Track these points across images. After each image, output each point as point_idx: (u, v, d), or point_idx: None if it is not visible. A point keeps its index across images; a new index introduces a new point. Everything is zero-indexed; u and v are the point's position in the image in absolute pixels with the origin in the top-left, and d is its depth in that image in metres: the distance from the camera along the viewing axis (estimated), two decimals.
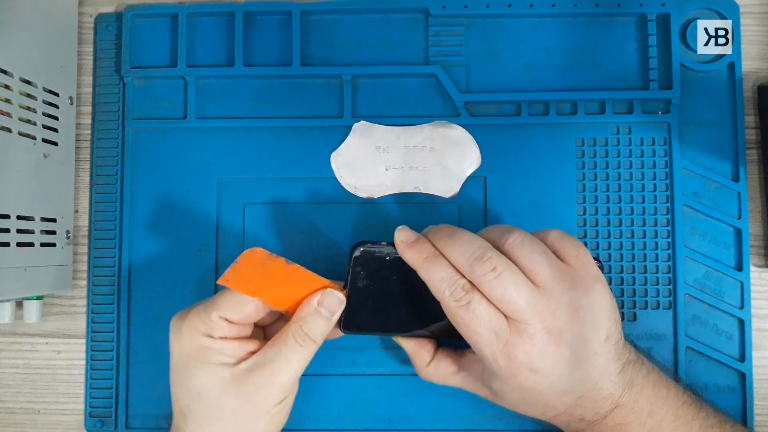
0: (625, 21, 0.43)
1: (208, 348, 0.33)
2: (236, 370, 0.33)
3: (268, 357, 0.33)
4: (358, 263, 0.34)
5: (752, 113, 0.43)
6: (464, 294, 0.32)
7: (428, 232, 0.35)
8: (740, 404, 0.41)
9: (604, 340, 0.33)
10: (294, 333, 0.34)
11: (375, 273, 0.35)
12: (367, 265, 0.35)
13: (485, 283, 0.31)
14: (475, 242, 0.33)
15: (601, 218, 0.42)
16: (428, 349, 0.37)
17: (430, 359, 0.37)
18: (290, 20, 0.43)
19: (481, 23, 0.43)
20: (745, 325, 0.41)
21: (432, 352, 0.38)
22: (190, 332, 0.34)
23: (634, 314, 0.41)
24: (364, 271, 0.35)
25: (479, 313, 0.32)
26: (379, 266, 0.35)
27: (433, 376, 0.38)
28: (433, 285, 0.33)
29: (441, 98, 0.43)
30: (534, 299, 0.31)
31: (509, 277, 0.31)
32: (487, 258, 0.32)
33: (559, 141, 0.42)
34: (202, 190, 0.43)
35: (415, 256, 0.33)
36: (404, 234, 0.34)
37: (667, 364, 0.41)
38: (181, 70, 0.43)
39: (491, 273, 0.31)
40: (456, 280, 0.32)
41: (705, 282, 0.41)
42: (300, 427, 0.41)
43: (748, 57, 0.43)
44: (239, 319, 0.34)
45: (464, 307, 0.32)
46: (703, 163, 0.42)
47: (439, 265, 0.33)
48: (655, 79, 0.42)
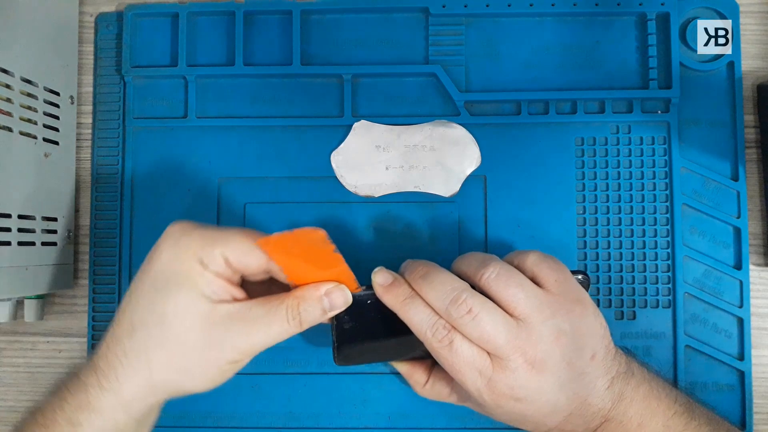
0: (624, 20, 0.43)
1: (199, 275, 0.31)
2: (215, 309, 0.31)
3: (252, 314, 0.31)
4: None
5: (752, 112, 0.43)
6: (446, 333, 0.32)
7: (404, 271, 0.35)
8: (739, 402, 0.41)
9: (589, 359, 0.33)
10: (289, 307, 0.32)
11: (358, 315, 0.34)
12: (348, 310, 0.34)
13: (462, 325, 0.32)
14: (449, 284, 0.32)
15: (601, 217, 0.42)
16: (423, 371, 0.38)
17: (425, 380, 0.38)
18: (291, 19, 0.43)
19: (481, 22, 0.43)
20: (744, 323, 0.41)
21: (427, 373, 0.38)
22: (186, 251, 0.31)
23: (633, 313, 0.41)
24: (348, 315, 0.34)
25: (462, 353, 0.32)
26: (361, 309, 0.34)
27: (429, 395, 0.38)
28: (414, 327, 0.33)
29: (441, 97, 0.43)
30: (513, 334, 0.31)
31: (485, 317, 0.31)
32: (462, 301, 0.32)
33: (558, 140, 0.42)
34: (202, 189, 0.43)
35: (393, 300, 0.33)
36: (381, 277, 0.34)
37: (666, 363, 0.41)
38: (182, 70, 0.43)
39: (467, 315, 0.31)
40: (436, 321, 0.32)
41: (704, 281, 0.42)
42: (301, 425, 0.41)
43: (747, 56, 0.43)
44: (240, 266, 0.32)
45: (447, 348, 0.32)
46: (702, 162, 0.42)
47: (418, 306, 0.33)
48: (654, 79, 0.42)
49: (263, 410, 0.41)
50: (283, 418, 0.41)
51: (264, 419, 0.41)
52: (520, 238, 0.42)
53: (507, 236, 0.42)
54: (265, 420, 0.41)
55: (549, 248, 0.41)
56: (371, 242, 0.42)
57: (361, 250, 0.42)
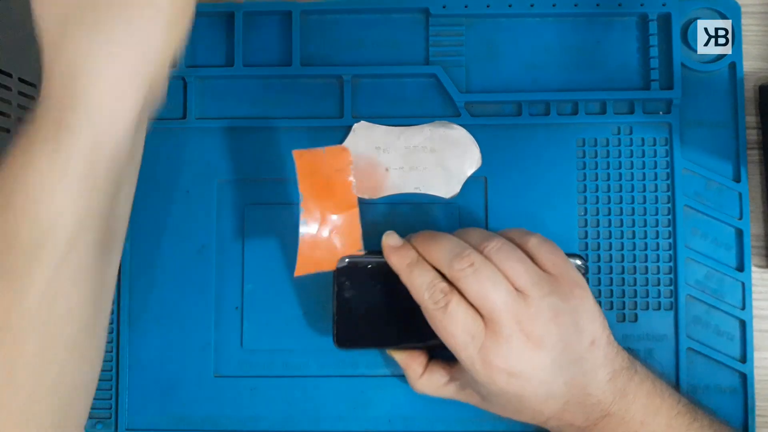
0: (625, 21, 0.43)
1: None
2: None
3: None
4: (341, 273, 0.35)
5: (753, 113, 0.43)
6: (443, 296, 0.32)
7: (411, 238, 0.35)
8: (741, 405, 0.41)
9: (589, 344, 0.33)
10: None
11: (360, 283, 0.35)
12: (350, 275, 0.35)
13: (463, 278, 0.32)
14: (456, 242, 0.34)
15: (602, 218, 0.42)
16: (420, 362, 0.38)
17: (422, 371, 0.37)
18: (290, 20, 0.43)
19: (481, 23, 0.43)
20: (746, 325, 0.41)
21: (424, 364, 0.38)
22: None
23: (635, 315, 0.41)
24: (349, 281, 0.35)
25: (456, 315, 0.32)
26: (363, 275, 0.35)
27: (425, 387, 0.38)
28: (414, 289, 0.33)
29: (441, 98, 0.43)
30: (511, 300, 0.32)
31: (487, 272, 0.32)
32: (466, 255, 0.32)
33: (559, 141, 0.42)
34: (201, 190, 0.42)
35: (399, 261, 0.34)
36: (391, 239, 0.35)
37: (668, 365, 0.41)
38: (181, 71, 0.43)
39: (469, 268, 0.32)
40: (436, 284, 0.33)
41: (706, 283, 0.41)
42: (299, 428, 0.41)
43: (749, 57, 0.43)
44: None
45: (442, 310, 0.32)
46: (704, 163, 0.42)
47: (421, 269, 0.34)
48: (656, 79, 0.42)
49: (262, 413, 0.41)
50: (283, 422, 0.41)
51: (263, 422, 0.41)
52: None
53: None
54: (264, 423, 0.41)
55: None
56: (372, 244, 0.42)
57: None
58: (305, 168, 0.35)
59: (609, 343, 0.34)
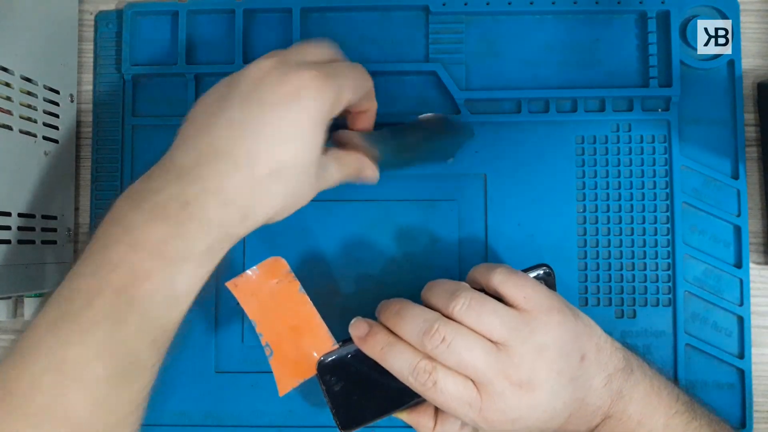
0: (625, 18, 0.43)
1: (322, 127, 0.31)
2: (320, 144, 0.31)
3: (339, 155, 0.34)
4: (324, 373, 0.35)
5: (752, 111, 0.43)
6: (428, 376, 0.32)
7: (379, 312, 0.35)
8: (739, 401, 0.41)
9: (579, 362, 0.33)
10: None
11: (345, 373, 0.35)
12: (333, 371, 0.34)
13: (439, 355, 0.32)
14: (421, 316, 0.33)
15: (601, 215, 0.42)
16: (429, 415, 0.36)
17: (433, 424, 0.36)
18: (290, 18, 0.43)
19: (481, 21, 0.43)
20: (744, 322, 0.41)
21: (432, 416, 0.37)
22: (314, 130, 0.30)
23: (633, 311, 0.41)
24: (334, 377, 0.35)
25: (447, 389, 0.32)
26: (345, 365, 0.35)
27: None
28: (396, 373, 0.33)
29: (441, 95, 0.43)
30: (493, 357, 0.32)
31: (461, 342, 0.31)
32: (434, 331, 0.32)
33: (559, 138, 0.42)
34: None
35: (372, 349, 0.33)
36: (357, 328, 0.34)
37: (667, 362, 0.41)
38: (182, 68, 0.43)
39: (442, 345, 0.32)
40: (416, 365, 0.32)
41: (704, 279, 0.41)
42: (300, 423, 0.41)
43: (747, 54, 0.43)
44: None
45: (432, 389, 0.32)
46: (702, 160, 0.42)
47: (396, 352, 0.33)
48: (655, 77, 0.42)
49: (263, 408, 0.41)
50: (283, 416, 0.41)
51: (264, 417, 0.41)
52: (520, 237, 0.42)
53: (507, 235, 0.42)
54: (264, 418, 0.41)
55: (549, 246, 0.42)
56: (371, 242, 0.42)
57: (361, 249, 0.42)
58: (244, 294, 0.34)
59: (599, 350, 0.34)
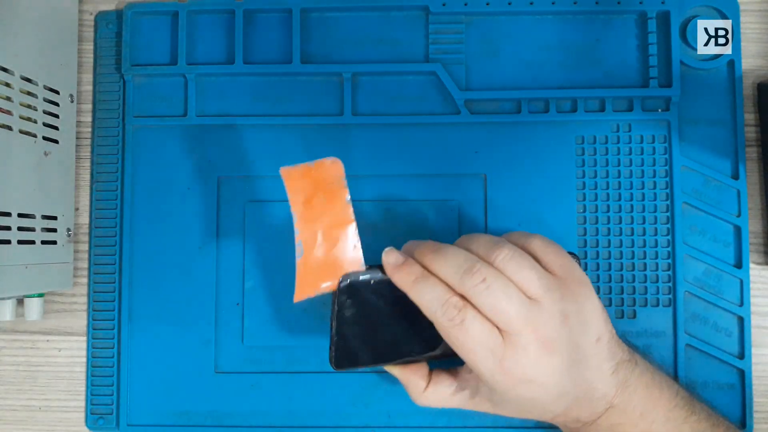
0: (625, 18, 0.43)
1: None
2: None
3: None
4: (343, 293, 0.33)
5: (752, 111, 0.43)
6: (457, 312, 0.31)
7: (413, 250, 0.34)
8: (740, 401, 0.41)
9: (595, 341, 0.33)
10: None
11: (362, 300, 0.34)
12: (352, 293, 0.33)
13: (476, 294, 0.31)
14: (463, 255, 0.32)
15: (601, 216, 0.42)
16: (422, 374, 0.37)
17: (426, 384, 0.36)
18: (290, 18, 0.43)
19: (481, 21, 0.43)
20: (744, 322, 0.41)
21: (427, 376, 0.37)
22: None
23: (633, 312, 0.41)
24: (351, 299, 0.33)
25: (473, 330, 0.31)
26: (366, 292, 0.34)
27: (431, 400, 0.37)
28: (425, 306, 0.32)
29: (441, 96, 0.43)
30: (525, 310, 0.31)
31: (500, 287, 0.31)
32: (476, 270, 0.31)
33: (559, 138, 0.42)
34: (202, 187, 0.43)
35: (404, 279, 0.33)
36: (392, 256, 0.34)
37: (667, 362, 0.41)
38: (182, 68, 0.43)
39: (482, 284, 0.31)
40: (447, 299, 0.32)
41: (705, 279, 0.41)
42: (300, 424, 0.41)
43: (747, 55, 0.43)
44: None
45: (458, 327, 0.31)
46: (703, 160, 0.42)
47: (429, 285, 0.32)
48: (655, 77, 0.42)
49: (264, 409, 0.41)
50: (284, 417, 0.41)
51: (264, 418, 0.41)
52: None
53: None
54: (265, 419, 0.41)
55: None
56: (371, 242, 0.42)
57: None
58: (295, 186, 0.33)
59: (612, 337, 0.34)
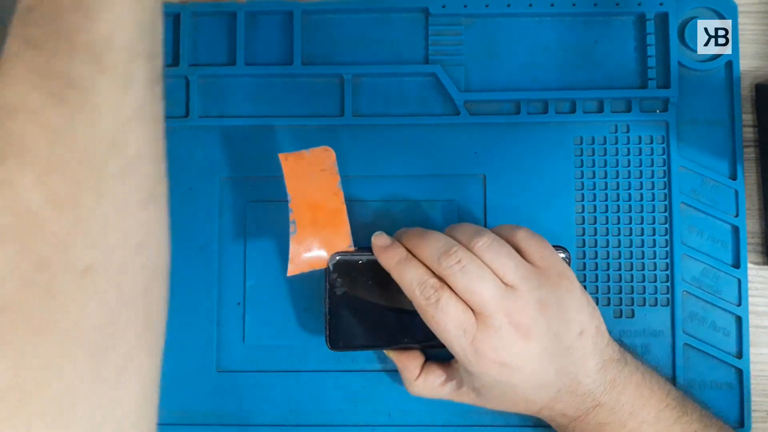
0: (623, 20, 0.43)
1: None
2: None
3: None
4: (333, 270, 0.36)
5: (750, 111, 0.43)
6: (433, 292, 0.33)
7: (401, 236, 0.36)
8: (737, 401, 0.41)
9: (578, 334, 0.34)
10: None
11: (352, 279, 0.36)
12: (342, 271, 0.36)
13: (451, 275, 0.33)
14: (443, 240, 0.34)
15: (600, 216, 0.42)
16: (417, 363, 0.38)
17: (419, 373, 0.38)
18: (292, 20, 0.43)
19: (480, 23, 0.44)
20: (742, 322, 0.41)
21: (420, 365, 0.38)
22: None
23: (632, 311, 0.42)
24: (341, 278, 0.36)
25: (447, 310, 0.33)
26: (355, 271, 0.36)
27: (422, 389, 0.38)
28: (405, 285, 0.34)
29: (441, 97, 0.43)
30: (500, 294, 0.33)
31: (474, 269, 0.33)
32: (453, 252, 0.33)
33: (557, 139, 0.43)
34: (203, 188, 0.43)
35: (389, 259, 0.35)
36: (380, 239, 0.36)
37: (665, 361, 0.41)
38: (184, 69, 0.43)
39: (456, 265, 0.33)
40: (426, 280, 0.34)
41: (703, 279, 0.42)
42: (301, 422, 0.42)
43: (745, 56, 0.43)
44: None
45: (434, 305, 0.33)
46: (701, 161, 0.42)
47: (411, 266, 0.34)
48: (653, 78, 0.42)
49: (264, 408, 0.42)
50: (284, 416, 0.42)
51: (265, 417, 0.42)
52: None
53: None
54: (265, 417, 0.42)
55: None
56: (365, 243, 0.43)
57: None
58: (291, 170, 0.36)
59: (598, 334, 0.34)
